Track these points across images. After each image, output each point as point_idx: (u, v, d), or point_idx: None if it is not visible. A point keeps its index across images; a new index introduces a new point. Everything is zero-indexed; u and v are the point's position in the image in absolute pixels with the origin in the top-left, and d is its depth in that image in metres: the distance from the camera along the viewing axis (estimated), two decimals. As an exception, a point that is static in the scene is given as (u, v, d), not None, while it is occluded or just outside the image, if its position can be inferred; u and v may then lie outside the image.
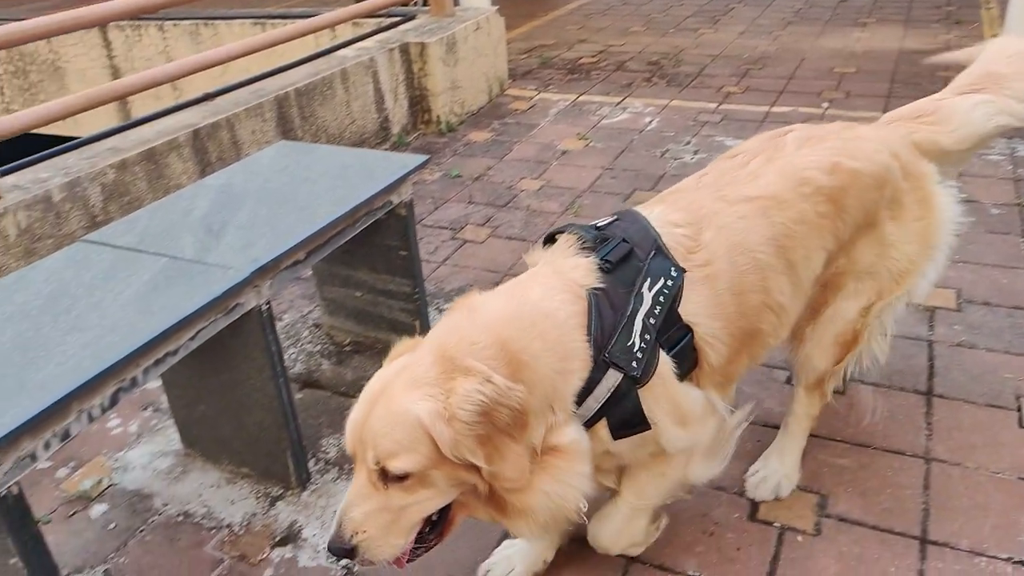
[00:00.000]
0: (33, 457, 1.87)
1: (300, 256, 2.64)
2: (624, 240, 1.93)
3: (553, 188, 4.97)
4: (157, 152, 4.11)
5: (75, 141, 4.14)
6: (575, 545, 2.38)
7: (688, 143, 5.49)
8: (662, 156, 5.32)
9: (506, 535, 2.43)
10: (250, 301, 2.44)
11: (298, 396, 3.28)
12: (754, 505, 2.56)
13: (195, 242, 2.55)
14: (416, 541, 1.78)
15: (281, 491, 2.77)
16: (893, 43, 7.46)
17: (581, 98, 6.57)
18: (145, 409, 3.28)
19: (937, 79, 5.98)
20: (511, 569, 2.32)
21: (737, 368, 2.13)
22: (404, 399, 1.66)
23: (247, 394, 2.65)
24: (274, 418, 2.63)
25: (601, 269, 1.88)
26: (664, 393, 1.89)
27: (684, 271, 1.93)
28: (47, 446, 1.90)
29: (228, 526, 2.66)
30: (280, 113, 4.89)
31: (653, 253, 1.92)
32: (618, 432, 1.87)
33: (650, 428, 1.88)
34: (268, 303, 2.51)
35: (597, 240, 1.93)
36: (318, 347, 3.62)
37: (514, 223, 4.57)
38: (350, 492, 1.73)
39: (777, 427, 2.67)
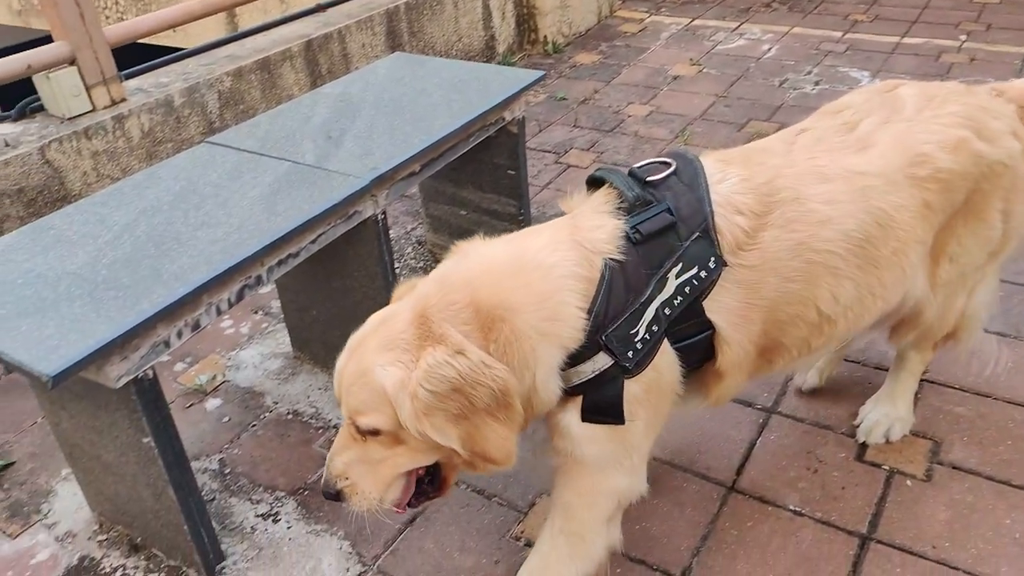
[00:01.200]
0: (167, 344, 1.96)
1: (415, 168, 2.65)
2: (669, 210, 1.66)
3: (662, 115, 4.83)
4: (271, 61, 4.15)
5: (193, 48, 4.22)
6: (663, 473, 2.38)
7: (809, 73, 5.23)
8: (780, 85, 5.08)
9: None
10: (367, 209, 2.47)
11: (402, 308, 3.33)
12: (862, 446, 2.49)
13: (315, 148, 2.58)
14: (418, 490, 1.73)
15: (386, 397, 2.84)
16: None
17: (695, 22, 6.31)
18: (256, 312, 3.40)
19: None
20: None
21: (737, 381, 1.84)
22: (373, 360, 1.55)
23: (358, 302, 2.70)
24: (383, 326, 2.69)
25: (628, 238, 1.63)
26: (652, 380, 1.68)
27: (725, 265, 1.66)
28: (179, 335, 1.98)
29: (335, 427, 2.76)
30: (389, 27, 4.87)
31: (698, 235, 1.64)
32: (589, 416, 1.68)
33: (623, 423, 1.67)
34: (383, 213, 2.53)
35: (638, 201, 1.67)
36: (421, 263, 3.66)
37: (620, 149, 4.47)
38: (337, 438, 1.70)
39: (885, 369, 2.58)
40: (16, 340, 1.79)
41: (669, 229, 1.64)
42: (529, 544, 2.23)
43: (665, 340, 1.66)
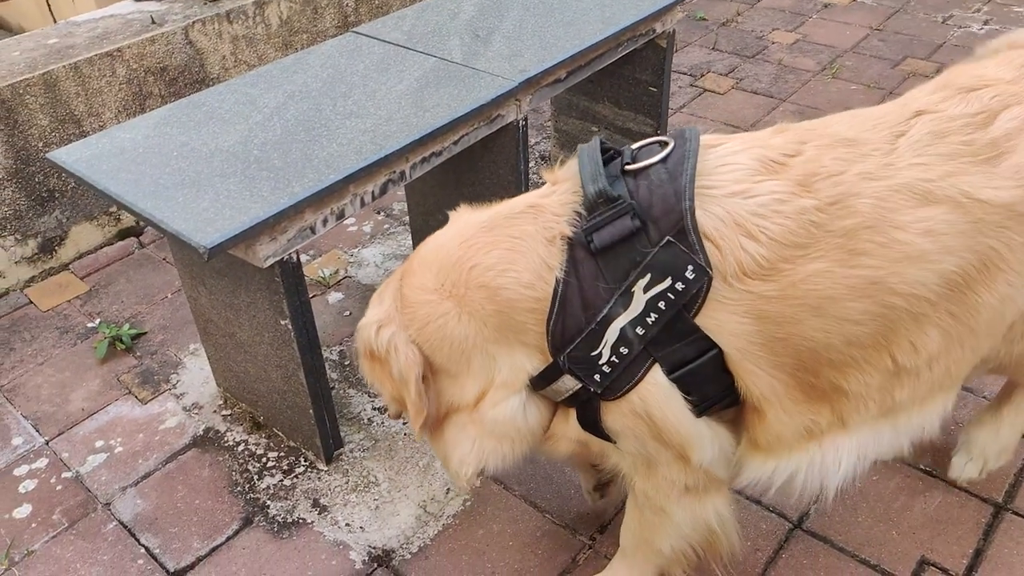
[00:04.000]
0: (312, 230, 1.96)
1: (561, 74, 2.54)
2: (633, 213, 1.34)
3: (809, 44, 4.53)
4: (410, -43, 4.06)
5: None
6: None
7: (978, 11, 4.80)
8: (944, 22, 4.69)
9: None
10: (510, 114, 2.40)
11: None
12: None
13: (462, 45, 2.50)
14: None
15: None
16: None
17: (850, -52, 5.86)
18: (379, 213, 3.41)
19: None
20: None
21: (786, 422, 1.46)
22: (370, 307, 1.60)
23: (488, 208, 2.66)
24: (512, 236, 2.64)
25: (584, 247, 1.37)
26: (640, 412, 1.44)
27: (709, 273, 1.32)
28: (324, 223, 1.98)
29: (455, 332, 2.76)
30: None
31: (670, 239, 1.32)
32: (586, 428, 1.53)
33: (614, 443, 1.52)
34: (525, 119, 2.46)
35: (599, 198, 1.36)
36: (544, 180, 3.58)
37: (761, 77, 4.23)
38: None
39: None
40: (173, 210, 1.82)
41: (633, 235, 1.34)
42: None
43: (656, 371, 1.39)
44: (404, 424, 2.44)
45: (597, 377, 1.40)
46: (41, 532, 2.19)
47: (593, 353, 1.38)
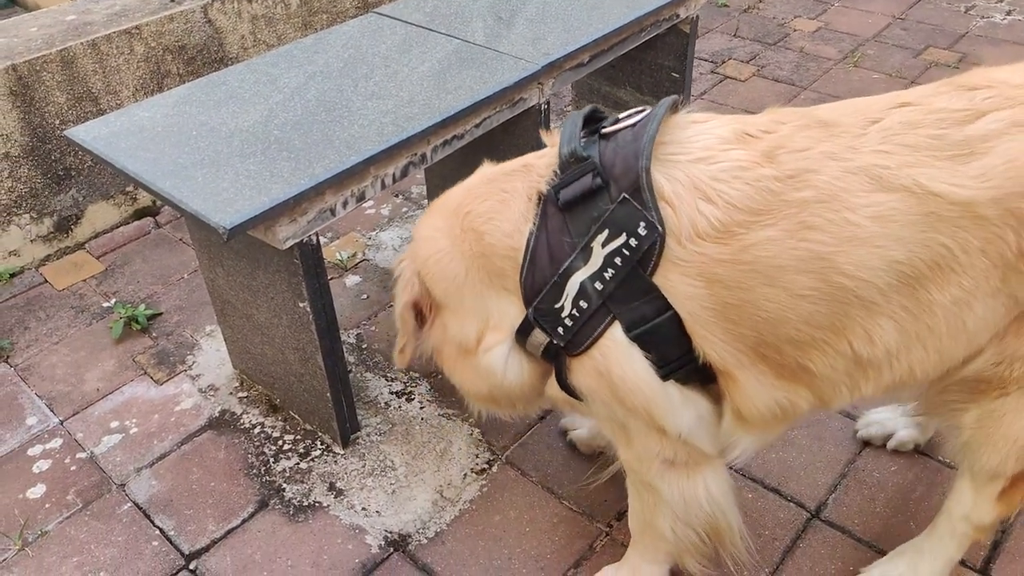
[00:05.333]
0: (332, 212, 1.94)
1: (584, 58, 2.51)
2: (595, 172, 1.42)
3: (831, 32, 4.47)
4: (429, -61, 4.01)
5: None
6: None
7: (1001, 0, 4.73)
8: (967, 12, 4.62)
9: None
10: (532, 98, 2.36)
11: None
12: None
13: (485, 28, 2.47)
14: None
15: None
16: None
17: (873, -65, 5.77)
18: (397, 196, 3.38)
19: None
20: None
21: (760, 391, 1.48)
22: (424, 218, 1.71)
23: (508, 193, 2.63)
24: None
25: (554, 203, 1.45)
26: (602, 370, 1.48)
27: (661, 231, 1.37)
28: (345, 205, 1.96)
29: (472, 317, 2.74)
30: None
31: (625, 196, 1.38)
32: (561, 388, 1.58)
33: (581, 400, 1.57)
34: (548, 103, 2.42)
35: (571, 157, 1.45)
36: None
37: (783, 64, 4.18)
38: None
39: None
40: (193, 190, 1.80)
41: (596, 192, 1.41)
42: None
43: (616, 328, 1.44)
44: (422, 408, 2.42)
45: (560, 330, 1.46)
46: (55, 513, 2.19)
47: (556, 306, 1.45)
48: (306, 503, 2.17)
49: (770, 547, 2.02)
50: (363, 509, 2.15)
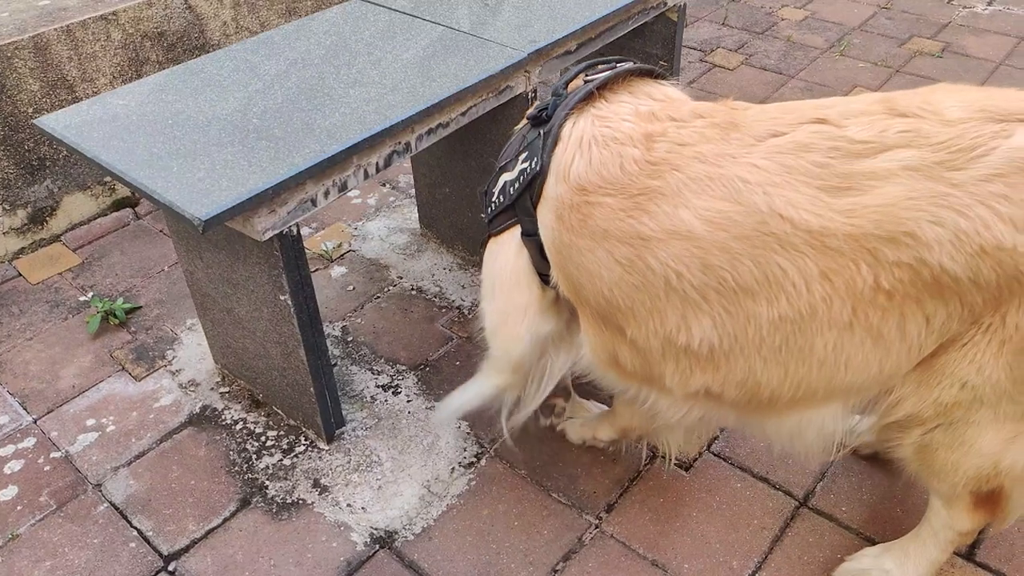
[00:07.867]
0: (313, 202, 1.88)
1: (571, 46, 2.46)
2: (545, 110, 1.69)
3: (818, 21, 4.45)
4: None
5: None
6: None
7: (986, -11, 4.73)
8: (949, 2, 4.62)
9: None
10: (519, 86, 2.32)
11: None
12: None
13: (470, 14, 2.42)
14: None
15: (510, 286, 2.76)
16: None
17: (860, -77, 5.75)
18: (384, 185, 3.33)
19: None
20: None
21: (599, 336, 1.70)
22: None
23: (494, 183, 2.58)
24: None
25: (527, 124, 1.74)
26: (495, 250, 1.79)
27: (541, 169, 1.61)
28: (326, 195, 1.91)
29: (458, 308, 2.70)
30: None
31: (541, 132, 1.65)
32: None
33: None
34: (535, 91, 2.38)
35: (554, 94, 1.71)
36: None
37: (771, 53, 4.15)
38: None
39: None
40: (168, 181, 1.74)
41: (540, 123, 1.67)
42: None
43: (517, 229, 1.72)
44: (409, 402, 2.38)
45: (489, 210, 1.76)
46: (27, 515, 2.13)
47: (490, 191, 1.75)
48: (289, 500, 2.13)
49: (759, 536, 2.00)
50: (348, 506, 2.11)
